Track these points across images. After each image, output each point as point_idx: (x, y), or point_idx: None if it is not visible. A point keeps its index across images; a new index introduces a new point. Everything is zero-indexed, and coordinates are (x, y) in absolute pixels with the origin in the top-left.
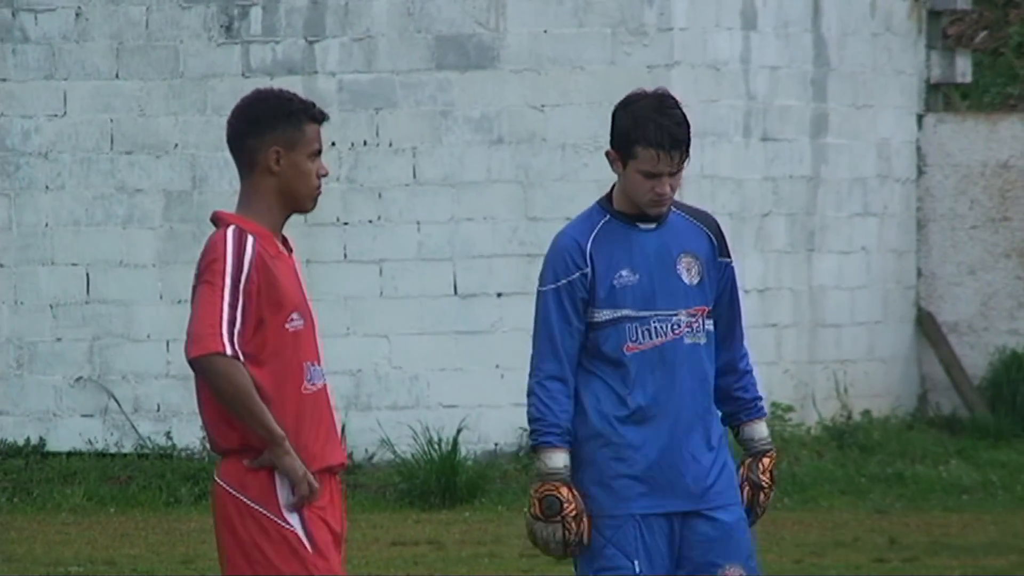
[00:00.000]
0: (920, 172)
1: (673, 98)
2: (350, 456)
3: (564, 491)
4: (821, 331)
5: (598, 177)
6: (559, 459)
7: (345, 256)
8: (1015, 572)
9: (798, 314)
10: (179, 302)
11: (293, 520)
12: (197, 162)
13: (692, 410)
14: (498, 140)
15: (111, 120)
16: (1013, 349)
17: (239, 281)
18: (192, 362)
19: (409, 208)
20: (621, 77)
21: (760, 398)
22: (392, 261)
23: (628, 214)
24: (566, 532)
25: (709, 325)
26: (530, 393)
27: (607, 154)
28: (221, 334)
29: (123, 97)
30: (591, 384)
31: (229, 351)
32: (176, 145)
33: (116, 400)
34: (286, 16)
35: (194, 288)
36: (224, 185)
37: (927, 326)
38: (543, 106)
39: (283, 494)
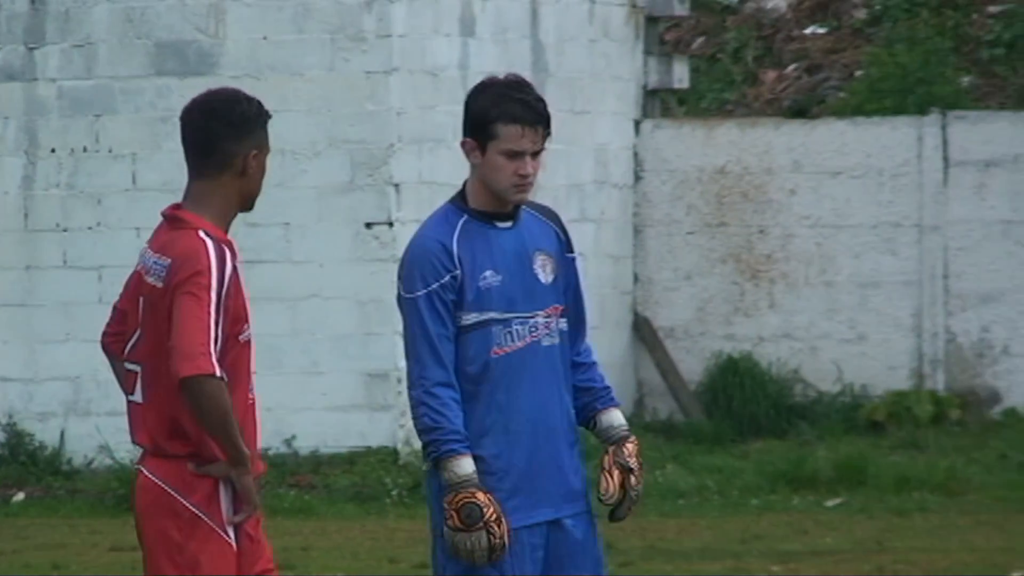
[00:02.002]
0: (637, 178)
1: (527, 81)
2: (68, 462)
3: (481, 496)
4: None
5: (316, 183)
6: (467, 465)
7: (65, 262)
8: None
9: None
10: None
11: (231, 533)
12: None
13: (554, 414)
14: None
15: None
16: (729, 354)
17: (221, 297)
18: (183, 380)
19: (129, 214)
20: (340, 83)
21: (610, 388)
22: (112, 267)
23: (485, 212)
24: (491, 537)
25: (563, 324)
26: (418, 404)
27: (462, 145)
28: (211, 354)
29: None
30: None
31: (218, 372)
32: None
33: None
34: (6, 22)
35: (164, 292)
36: None
37: (644, 331)
38: None
39: (226, 507)
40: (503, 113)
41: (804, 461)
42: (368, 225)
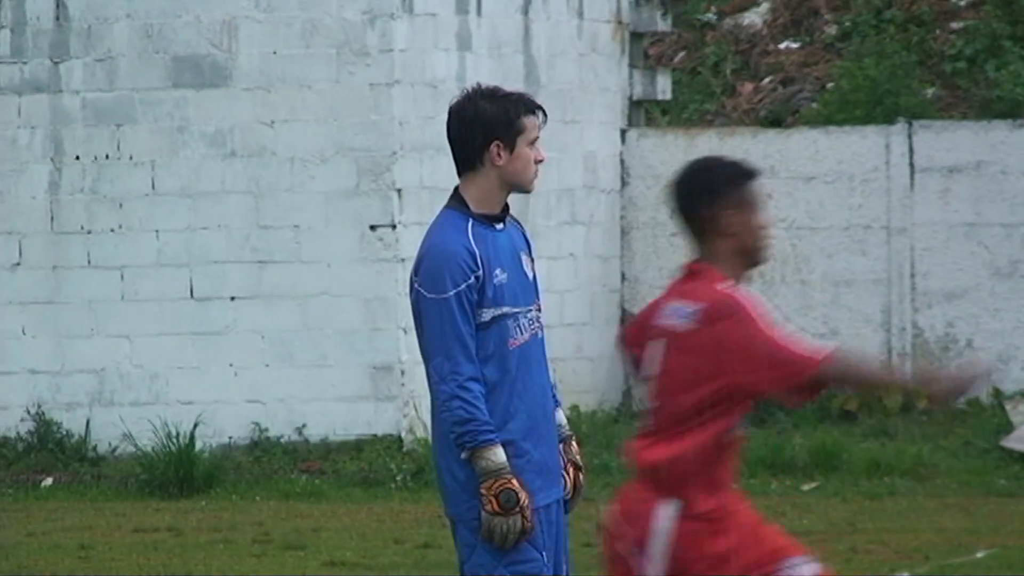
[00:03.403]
0: (624, 183)
1: None
2: (94, 449)
3: (515, 483)
4: None
5: (324, 188)
6: (501, 454)
7: (89, 262)
8: None
9: None
10: None
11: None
12: None
13: (549, 400)
14: (231, 154)
15: None
16: None
17: (765, 317)
18: (810, 381)
19: (148, 217)
20: (346, 95)
21: (555, 385)
22: (133, 267)
23: (487, 215)
24: (524, 522)
25: (542, 319)
26: (451, 398)
27: (490, 149)
28: (808, 353)
29: None
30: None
31: (822, 356)
32: None
33: None
34: (33, 38)
35: (691, 334)
36: None
37: None
38: (273, 122)
39: (659, 552)
40: (523, 108)
41: (781, 448)
42: (373, 228)
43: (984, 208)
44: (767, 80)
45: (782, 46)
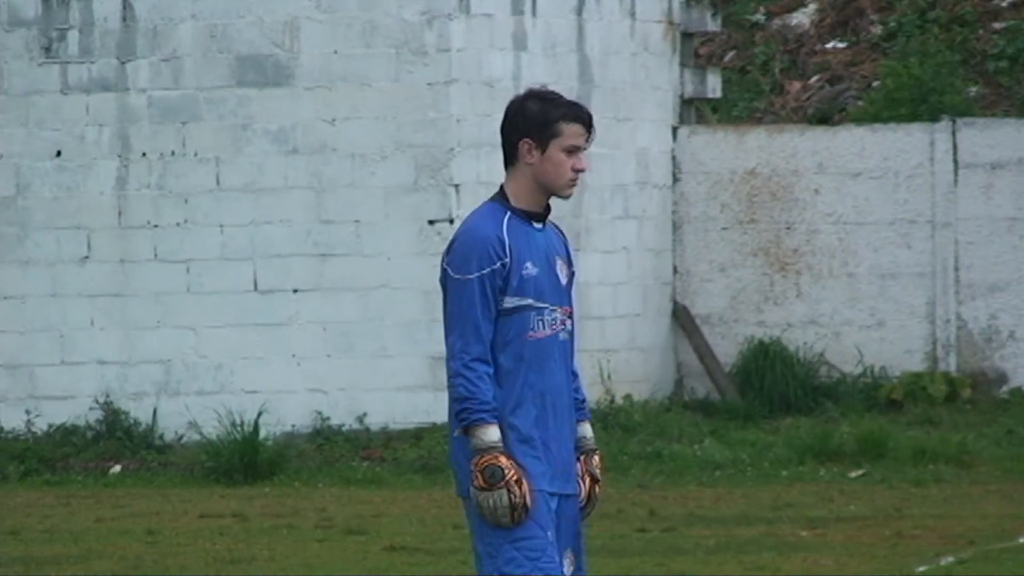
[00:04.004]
0: (675, 179)
1: None
2: (160, 437)
3: (503, 459)
4: (587, 323)
5: (384, 184)
6: (494, 433)
7: (155, 256)
8: (763, 540)
9: None
10: (4, 298)
11: None
12: (20, 171)
13: (565, 401)
14: (293, 150)
15: None
16: (760, 339)
17: None
18: None
19: (213, 212)
20: (404, 93)
21: (586, 400)
22: (198, 260)
23: (526, 211)
24: (511, 496)
25: (570, 325)
26: (455, 375)
27: (520, 145)
28: None
29: None
30: (497, 372)
31: None
32: (1, 156)
33: None
34: (100, 38)
35: None
36: (45, 192)
37: (682, 318)
38: (334, 120)
39: None
40: (565, 114)
41: (829, 436)
42: (431, 222)
43: None
44: (815, 79)
45: (829, 46)
